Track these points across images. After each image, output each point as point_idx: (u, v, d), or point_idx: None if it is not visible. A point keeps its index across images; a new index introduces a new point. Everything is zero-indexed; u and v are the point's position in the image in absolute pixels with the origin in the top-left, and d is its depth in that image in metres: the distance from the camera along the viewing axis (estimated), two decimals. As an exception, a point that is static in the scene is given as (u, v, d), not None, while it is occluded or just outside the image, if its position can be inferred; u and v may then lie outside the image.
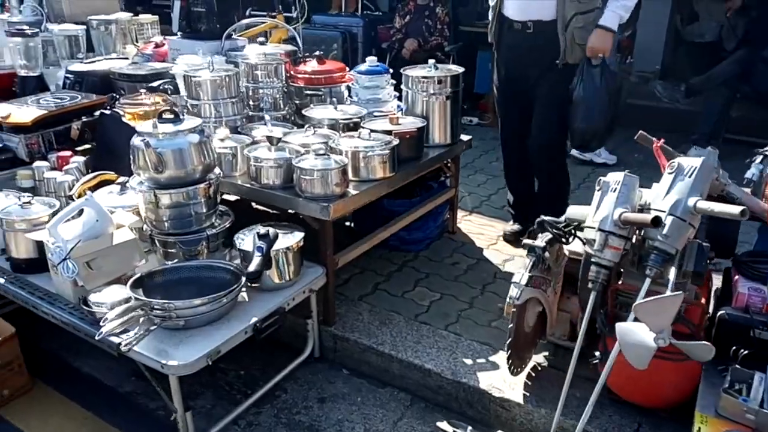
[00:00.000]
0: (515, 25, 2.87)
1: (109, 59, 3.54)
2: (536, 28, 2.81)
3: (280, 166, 2.42)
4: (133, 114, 2.87)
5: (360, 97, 3.18)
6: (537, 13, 2.78)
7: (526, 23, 2.83)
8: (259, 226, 2.33)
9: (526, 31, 2.84)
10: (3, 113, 2.75)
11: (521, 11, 2.83)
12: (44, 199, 2.43)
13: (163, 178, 2.19)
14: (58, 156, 2.70)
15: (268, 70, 3.06)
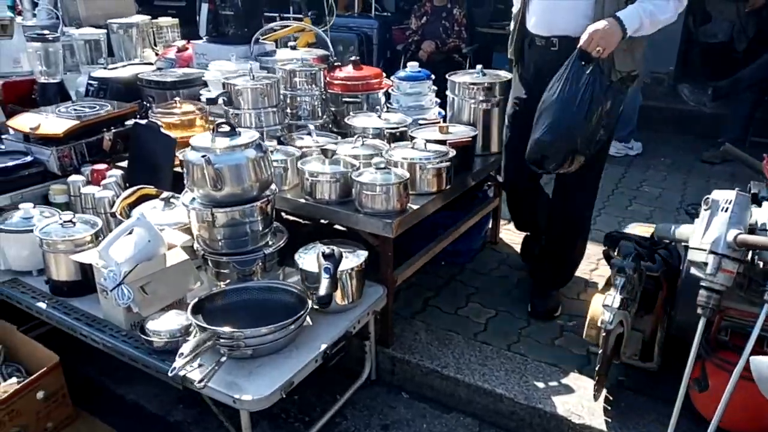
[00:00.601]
0: (538, 41, 2.40)
1: (133, 65, 3.39)
2: (562, 45, 2.31)
3: (338, 180, 2.29)
4: (168, 123, 2.73)
5: (401, 104, 3.06)
6: (564, 28, 2.30)
7: (550, 39, 2.35)
8: (319, 244, 2.20)
9: (550, 49, 2.36)
10: (32, 124, 2.59)
11: (545, 25, 2.36)
12: (84, 216, 2.28)
13: (219, 196, 2.05)
14: (92, 169, 2.55)
15: (307, 77, 2.93)
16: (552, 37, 2.35)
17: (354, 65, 3.21)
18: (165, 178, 2.55)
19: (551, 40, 2.36)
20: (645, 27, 2.16)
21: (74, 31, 3.41)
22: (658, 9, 2.15)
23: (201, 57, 3.44)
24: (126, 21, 3.64)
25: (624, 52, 2.21)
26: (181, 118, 2.77)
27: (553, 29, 2.34)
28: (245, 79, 2.73)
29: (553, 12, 2.32)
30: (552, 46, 2.37)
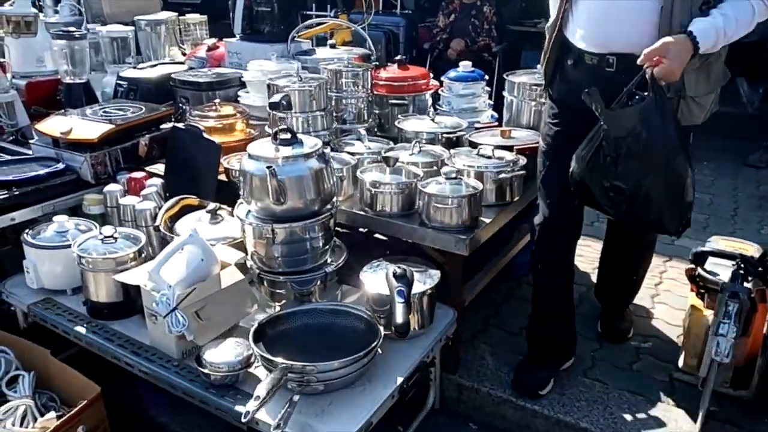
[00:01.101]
0: (587, 59, 1.89)
1: (164, 64, 3.19)
2: (622, 65, 1.81)
3: (402, 191, 2.09)
4: (206, 128, 2.53)
5: (453, 107, 2.86)
6: (625, 43, 1.79)
7: (605, 57, 1.84)
8: (384, 262, 2.01)
9: (605, 69, 1.85)
10: (63, 128, 2.39)
11: (600, 39, 1.85)
12: (125, 231, 2.08)
13: (280, 210, 1.85)
14: (130, 178, 2.35)
15: (354, 78, 2.73)
16: (609, 54, 1.84)
17: (399, 65, 3.02)
18: (208, 187, 2.35)
19: (607, 59, 1.85)
20: (720, 41, 1.70)
21: (101, 29, 3.21)
22: (739, 18, 1.68)
23: (234, 56, 3.24)
24: (154, 18, 3.44)
25: (697, 71, 1.78)
26: (221, 121, 2.57)
27: (611, 44, 1.84)
28: (290, 80, 2.53)
29: (611, 22, 1.82)
30: (607, 65, 1.86)
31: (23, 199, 2.18)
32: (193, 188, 2.33)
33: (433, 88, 2.98)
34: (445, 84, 2.92)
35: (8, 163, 2.40)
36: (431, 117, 2.62)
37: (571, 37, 1.95)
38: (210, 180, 2.36)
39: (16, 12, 3.02)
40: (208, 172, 2.37)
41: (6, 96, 2.81)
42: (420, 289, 1.86)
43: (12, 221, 2.15)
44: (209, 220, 2.13)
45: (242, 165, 1.91)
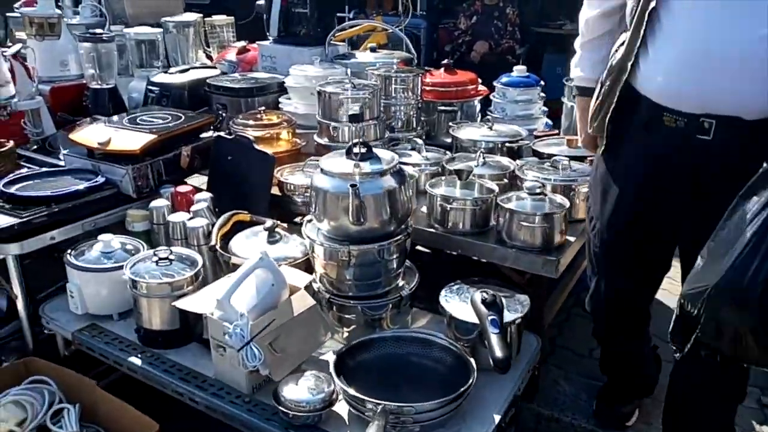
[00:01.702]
0: (668, 120, 1.43)
1: (195, 68, 3.01)
2: (723, 131, 1.37)
3: (479, 207, 1.94)
4: (257, 138, 2.36)
5: (508, 113, 2.73)
6: (733, 102, 1.35)
7: (699, 120, 1.38)
8: (463, 285, 1.86)
9: (696, 136, 1.40)
10: (101, 138, 2.22)
11: (693, 93, 1.38)
12: (180, 251, 1.92)
13: (356, 230, 1.70)
14: (176, 192, 2.18)
15: (404, 84, 2.58)
16: (704, 117, 1.38)
17: (446, 69, 2.88)
18: (260, 202, 2.19)
19: (701, 122, 1.38)
20: None
21: (128, 31, 3.03)
22: None
23: (268, 60, 3.08)
24: (181, 19, 3.26)
25: None
26: (269, 130, 2.41)
27: (709, 102, 1.36)
28: (341, 86, 2.37)
29: (711, 72, 1.33)
30: (701, 131, 1.39)
31: (63, 216, 2.01)
32: (242, 202, 2.17)
33: (483, 93, 2.85)
34: (497, 89, 2.79)
35: (41, 176, 2.22)
36: (489, 124, 2.48)
37: (642, 87, 1.47)
38: (262, 194, 2.20)
39: (39, 13, 2.83)
40: (260, 185, 2.20)
41: (32, 103, 2.62)
42: (511, 317, 1.71)
43: (52, 240, 1.98)
44: (267, 238, 1.97)
45: (314, 181, 1.75)
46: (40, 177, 2.22)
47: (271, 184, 2.20)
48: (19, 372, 1.97)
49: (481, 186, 2.01)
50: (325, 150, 2.38)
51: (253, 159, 2.23)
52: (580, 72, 1.78)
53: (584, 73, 1.76)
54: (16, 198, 2.01)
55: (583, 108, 1.77)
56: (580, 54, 1.78)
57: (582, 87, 1.78)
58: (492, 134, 2.44)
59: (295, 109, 2.65)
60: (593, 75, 1.69)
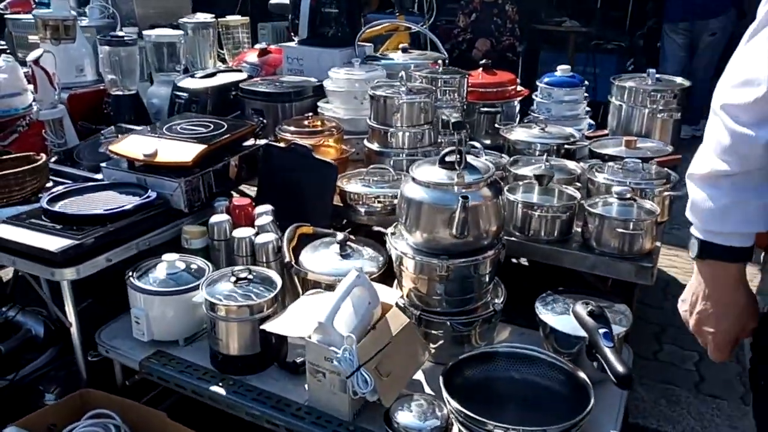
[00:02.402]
0: None
1: (222, 72, 2.87)
2: None
3: (564, 213, 1.87)
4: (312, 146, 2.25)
5: (553, 114, 2.67)
6: None
7: None
8: (557, 295, 1.79)
9: None
10: (146, 149, 2.07)
11: None
12: (257, 270, 1.79)
13: (453, 243, 1.61)
14: (234, 205, 2.05)
15: (451, 85, 2.51)
16: None
17: (485, 69, 2.81)
18: (321, 213, 2.08)
19: None
20: None
21: (149, 32, 2.86)
22: None
23: (294, 62, 2.96)
24: (200, 20, 3.11)
25: None
26: (319, 138, 2.30)
27: None
28: (394, 89, 2.28)
29: None
30: None
31: (118, 235, 1.86)
32: (299, 214, 2.06)
33: (523, 93, 2.79)
34: (541, 89, 2.73)
35: (83, 191, 2.06)
36: (541, 126, 2.43)
37: None
38: (323, 205, 2.09)
39: (55, 15, 2.66)
40: (320, 196, 2.09)
41: (54, 112, 2.45)
42: (618, 329, 1.64)
43: (108, 262, 1.83)
44: (339, 251, 1.87)
45: (405, 191, 1.66)
46: (81, 193, 2.06)
47: (333, 194, 2.09)
48: (76, 405, 1.83)
49: (561, 191, 1.95)
50: (378, 156, 2.29)
51: (312, 168, 2.12)
52: (726, 225, 1.06)
53: (734, 227, 1.06)
54: (66, 217, 1.85)
55: (726, 283, 1.10)
56: (722, 195, 1.05)
57: (725, 247, 1.07)
58: (546, 136, 2.39)
59: (336, 114, 2.55)
60: (752, 227, 1.06)
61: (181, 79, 2.75)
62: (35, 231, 1.81)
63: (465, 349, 1.72)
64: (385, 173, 2.15)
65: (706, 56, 5.34)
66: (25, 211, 1.94)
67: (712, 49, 5.33)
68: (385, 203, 2.05)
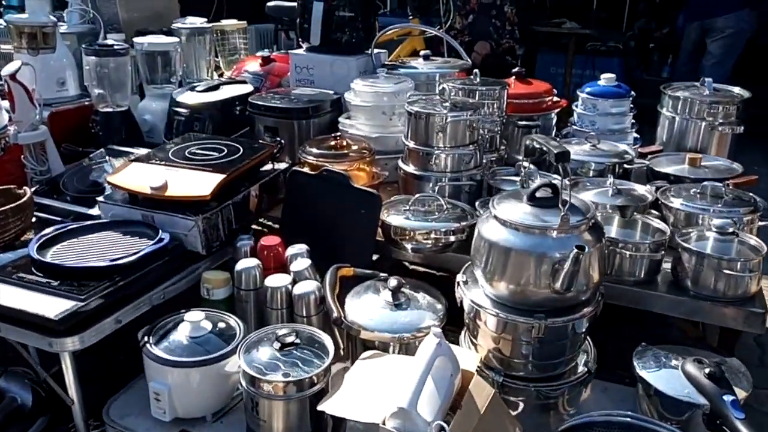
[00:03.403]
0: None
1: (226, 83, 2.54)
2: None
3: (656, 251, 1.62)
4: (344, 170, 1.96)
5: (598, 128, 2.42)
6: None
7: None
8: (654, 348, 1.53)
9: None
10: (154, 181, 1.74)
11: None
12: (299, 329, 1.48)
13: (545, 297, 1.34)
14: (261, 246, 1.74)
15: (490, 98, 2.24)
16: None
17: (518, 78, 2.56)
18: (362, 251, 1.80)
19: None
20: None
21: (141, 40, 2.51)
22: None
23: (303, 71, 2.65)
24: (195, 25, 2.77)
25: None
26: (351, 162, 2.01)
27: None
28: (433, 105, 2.01)
29: None
30: None
31: (128, 290, 1.54)
32: (334, 251, 1.77)
33: (561, 104, 2.54)
34: (584, 100, 2.48)
35: (78, 232, 1.72)
36: (593, 142, 2.18)
37: None
38: (365, 242, 1.80)
39: (32, 21, 2.30)
40: (361, 231, 1.80)
41: (36, 134, 2.10)
42: (742, 394, 1.39)
43: (117, 324, 1.50)
44: (392, 300, 1.58)
45: (484, 232, 1.38)
46: (75, 234, 1.72)
47: (377, 229, 1.80)
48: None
49: (645, 224, 1.69)
50: (417, 181, 2.01)
51: (349, 199, 1.82)
52: None
53: None
54: (63, 270, 1.52)
55: None
56: None
57: None
58: (599, 153, 2.15)
59: (360, 131, 2.26)
60: None
61: (179, 93, 2.42)
62: (26, 289, 1.48)
63: (551, 418, 1.46)
64: (431, 201, 1.87)
65: (714, 56, 5.23)
66: (10, 261, 1.60)
67: (722, 49, 5.21)
68: (437, 239, 1.77)
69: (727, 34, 5.13)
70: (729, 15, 5.06)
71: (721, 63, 5.06)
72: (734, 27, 5.05)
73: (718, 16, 5.11)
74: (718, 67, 5.13)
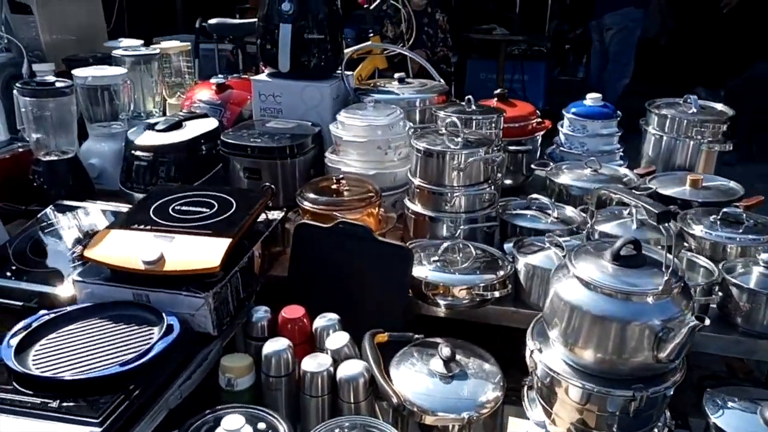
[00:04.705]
0: None
1: (189, 118, 2.23)
2: None
3: (708, 293, 1.56)
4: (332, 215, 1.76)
5: (589, 149, 2.38)
6: None
7: None
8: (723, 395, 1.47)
9: None
10: (146, 254, 1.46)
11: None
12: (363, 422, 1.28)
13: (638, 366, 1.23)
14: (285, 319, 1.51)
15: (488, 127, 2.13)
16: None
17: (500, 99, 2.47)
18: (391, 312, 1.61)
19: None
20: None
21: (82, 73, 2.14)
22: None
23: (270, 99, 2.40)
24: (140, 51, 2.43)
25: None
26: (363, 207, 1.81)
27: None
28: (442, 139, 1.86)
29: None
30: None
31: (143, 397, 1.26)
32: (357, 314, 1.59)
33: (546, 126, 2.48)
34: (571, 121, 2.43)
35: (60, 323, 1.41)
36: (594, 167, 2.12)
37: None
38: (395, 301, 1.62)
39: (-52, 57, 1.90)
40: (389, 289, 1.62)
41: (-29, 197, 1.73)
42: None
43: (135, 443, 1.23)
44: (445, 372, 1.42)
45: (561, 294, 1.25)
46: (55, 327, 1.41)
47: (408, 286, 1.62)
48: None
49: (692, 262, 1.64)
50: (431, 223, 1.86)
51: (373, 253, 1.64)
52: None
53: None
54: (63, 385, 1.22)
55: None
56: None
57: None
58: (602, 178, 2.09)
59: (352, 168, 2.07)
60: None
61: (135, 132, 2.10)
62: (16, 416, 1.17)
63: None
64: (458, 248, 1.72)
65: (611, 53, 5.55)
66: (-21, 375, 1.27)
67: (615, 47, 5.52)
68: (476, 294, 1.62)
69: (615, 31, 5.45)
70: (614, 12, 5.39)
71: (617, 60, 5.38)
72: (619, 24, 5.39)
73: (606, 14, 5.42)
74: (615, 65, 5.44)
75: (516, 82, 5.46)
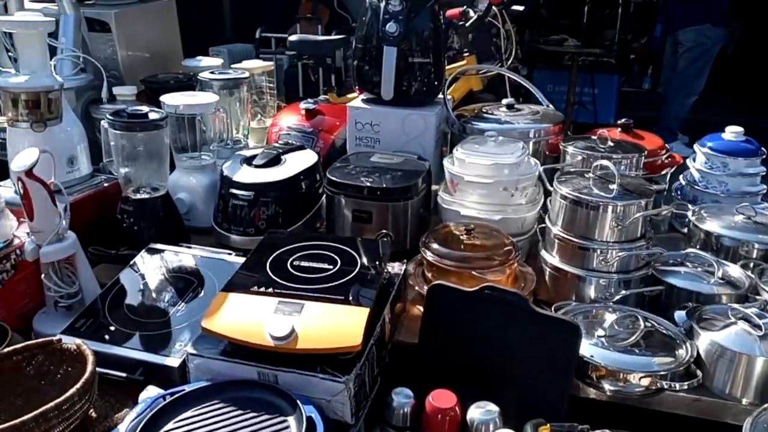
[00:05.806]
0: None
1: (286, 151, 2.01)
2: None
3: None
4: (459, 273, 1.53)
5: (731, 190, 2.11)
6: None
7: None
8: None
9: None
10: (276, 329, 1.24)
11: None
12: None
13: None
14: (434, 408, 1.27)
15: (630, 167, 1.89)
16: None
17: (624, 129, 2.23)
18: (553, 398, 1.37)
19: None
20: None
21: (173, 101, 1.95)
22: None
23: (366, 128, 2.19)
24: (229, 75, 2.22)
25: None
26: (502, 268, 1.57)
27: None
28: (585, 182, 1.62)
29: None
30: None
31: None
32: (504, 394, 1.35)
33: (677, 161, 2.21)
34: (708, 157, 2.15)
35: (177, 408, 1.20)
36: (748, 213, 1.86)
37: None
38: (559, 386, 1.37)
39: (32, 86, 1.70)
40: (550, 370, 1.37)
41: (63, 248, 1.52)
42: None
43: None
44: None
45: None
46: (174, 414, 1.20)
47: (574, 369, 1.38)
48: None
49: None
50: (577, 282, 1.62)
51: (528, 326, 1.39)
52: None
53: None
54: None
55: None
56: None
57: None
58: (761, 229, 1.82)
59: (474, 212, 1.83)
60: None
61: (231, 168, 1.90)
62: None
63: None
64: (629, 321, 1.47)
65: (679, 67, 5.30)
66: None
67: (685, 62, 5.28)
68: (652, 382, 1.37)
69: (687, 48, 5.18)
70: (689, 29, 5.11)
71: (686, 76, 5.12)
72: (693, 41, 5.10)
73: (681, 29, 5.15)
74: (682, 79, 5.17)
75: (585, 95, 5.19)
